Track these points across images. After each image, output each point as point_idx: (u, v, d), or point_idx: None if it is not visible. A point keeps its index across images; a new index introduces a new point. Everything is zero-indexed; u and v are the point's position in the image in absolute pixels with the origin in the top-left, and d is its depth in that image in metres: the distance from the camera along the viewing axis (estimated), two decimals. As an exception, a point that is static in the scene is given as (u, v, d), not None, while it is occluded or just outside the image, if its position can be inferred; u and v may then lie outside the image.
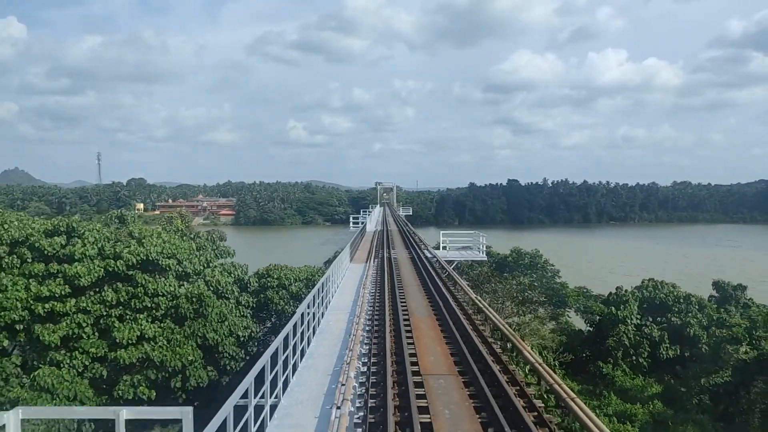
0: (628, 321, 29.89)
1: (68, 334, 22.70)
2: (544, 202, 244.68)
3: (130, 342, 22.55)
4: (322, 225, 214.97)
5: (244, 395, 7.47)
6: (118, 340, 22.43)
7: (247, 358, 26.16)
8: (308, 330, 13.30)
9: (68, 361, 22.34)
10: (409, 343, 12.86)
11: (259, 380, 8.41)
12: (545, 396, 10.37)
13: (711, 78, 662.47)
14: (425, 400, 9.38)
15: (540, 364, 11.23)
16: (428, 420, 8.55)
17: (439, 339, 13.76)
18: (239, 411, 7.05)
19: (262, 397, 8.91)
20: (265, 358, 8.68)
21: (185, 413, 5.30)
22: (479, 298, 18.08)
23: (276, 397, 9.82)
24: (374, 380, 10.40)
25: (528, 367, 11.77)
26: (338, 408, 8.83)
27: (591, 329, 32.83)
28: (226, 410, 6.43)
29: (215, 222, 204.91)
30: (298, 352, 11.68)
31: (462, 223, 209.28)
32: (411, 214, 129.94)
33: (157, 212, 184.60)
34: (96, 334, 23.16)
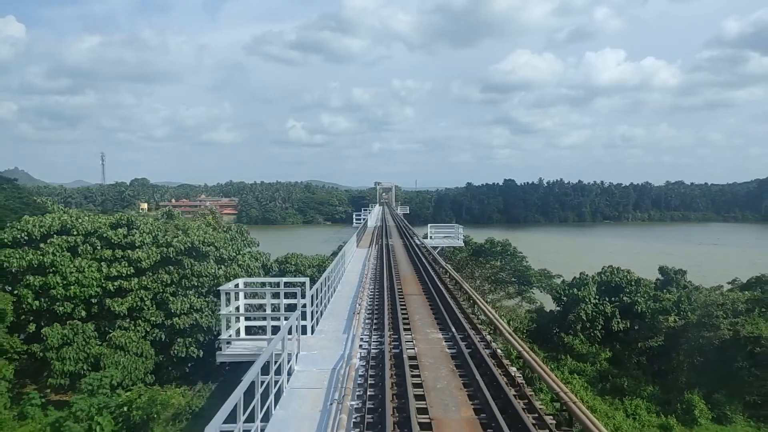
0: (587, 300, 35.79)
1: (133, 306, 28.66)
2: (539, 202, 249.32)
3: (182, 312, 28.51)
4: (322, 224, 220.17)
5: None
6: (173, 311, 28.39)
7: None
8: (334, 282, 19.99)
9: (133, 327, 28.32)
10: (398, 288, 20.33)
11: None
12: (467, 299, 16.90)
13: (709, 78, 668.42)
14: (405, 308, 17.02)
15: (466, 287, 17.41)
16: (406, 309, 16.69)
17: (417, 285, 21.81)
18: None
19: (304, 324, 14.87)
20: (314, 290, 14.60)
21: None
22: (448, 265, 24.49)
23: (328, 301, 17.30)
24: (377, 301, 17.68)
25: (465, 295, 18.43)
26: (360, 304, 16.71)
27: (558, 308, 38.76)
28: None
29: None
30: (330, 293, 18.49)
31: (459, 222, 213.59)
32: (408, 212, 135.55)
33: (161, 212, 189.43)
34: (154, 306, 29.09)
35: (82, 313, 28.34)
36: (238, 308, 14.19)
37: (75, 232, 29.79)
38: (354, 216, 75.13)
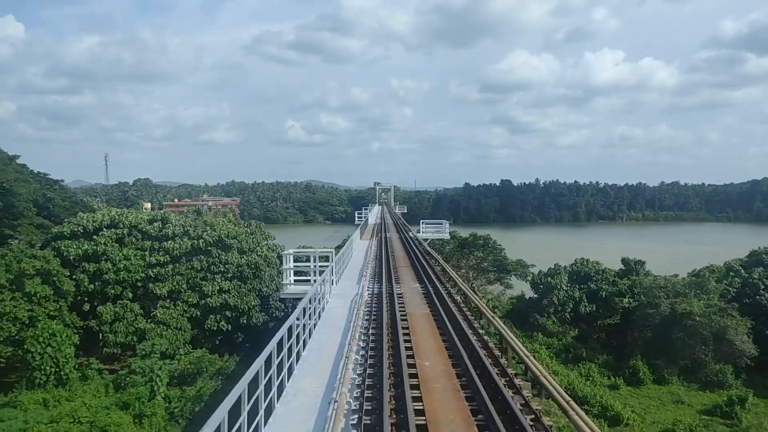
0: (559, 287, 41.26)
1: (171, 289, 34.07)
2: (535, 202, 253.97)
3: (213, 293, 33.93)
4: (323, 223, 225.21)
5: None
6: (206, 292, 33.81)
7: (287, 310, 37.35)
8: (337, 273, 25.33)
9: (173, 307, 33.73)
10: (393, 263, 26.85)
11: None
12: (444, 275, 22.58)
13: (706, 78, 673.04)
14: (396, 273, 24.49)
15: (450, 271, 22.90)
16: (397, 273, 23.98)
17: (406, 261, 30.21)
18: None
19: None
20: (336, 258, 20.06)
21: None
22: (432, 251, 30.19)
23: (337, 281, 22.12)
24: (378, 270, 23.97)
25: (439, 268, 24.18)
26: (366, 274, 22.10)
27: (536, 295, 44.22)
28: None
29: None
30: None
31: (457, 222, 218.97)
32: (406, 212, 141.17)
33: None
34: (189, 289, 34.48)
35: (129, 294, 33.76)
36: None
37: (121, 226, 35.24)
38: (356, 214, 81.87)
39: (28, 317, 28.90)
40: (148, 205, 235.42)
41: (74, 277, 33.19)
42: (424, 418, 8.60)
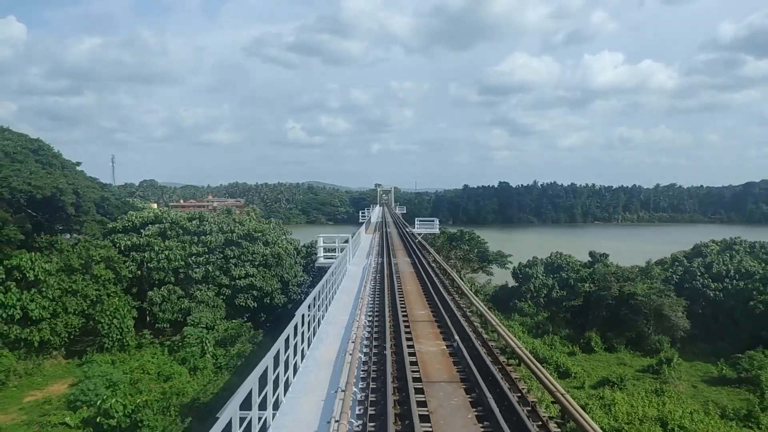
0: (536, 276, 48.16)
1: (206, 274, 40.98)
2: (533, 203, 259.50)
3: (241, 277, 40.84)
4: (325, 224, 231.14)
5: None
6: (235, 276, 40.72)
7: (302, 295, 44.25)
8: (352, 251, 32.38)
9: (208, 288, 40.65)
10: (393, 259, 32.59)
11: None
12: (437, 264, 29.40)
13: (705, 80, 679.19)
14: (394, 252, 32.02)
15: (438, 259, 29.83)
16: (395, 254, 31.93)
17: (402, 246, 39.50)
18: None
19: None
20: (352, 241, 27.05)
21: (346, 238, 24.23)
22: (425, 243, 37.10)
23: (352, 256, 29.25)
24: (380, 251, 31.06)
25: (432, 257, 30.86)
26: (372, 253, 29.18)
27: (516, 284, 51.12)
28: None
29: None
30: (350, 256, 30.67)
31: (456, 223, 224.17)
32: (405, 212, 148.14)
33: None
34: (222, 273, 41.41)
35: (171, 279, 40.67)
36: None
37: (164, 221, 42.19)
38: (360, 214, 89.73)
39: (96, 296, 35.78)
40: (155, 206, 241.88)
41: (126, 264, 40.09)
42: (402, 292, 19.05)
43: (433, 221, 56.13)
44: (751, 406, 25.76)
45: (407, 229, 52.46)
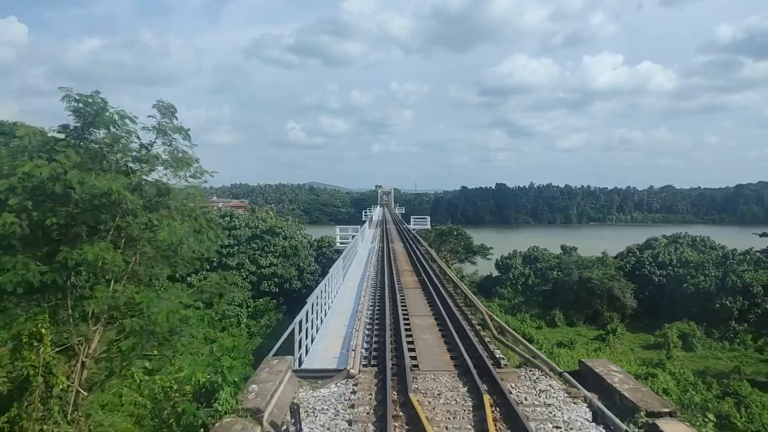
0: (515, 266, 56.29)
1: (238, 262, 49.09)
2: (529, 204, 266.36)
3: (266, 266, 48.95)
4: (327, 224, 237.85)
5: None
6: (262, 265, 48.84)
7: (313, 283, 52.29)
8: (358, 243, 40.45)
9: (239, 274, 48.74)
10: (391, 245, 40.89)
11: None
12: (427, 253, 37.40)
13: (704, 82, 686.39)
14: (392, 240, 40.74)
15: (424, 244, 38.08)
16: (393, 242, 40.87)
17: (398, 237, 46.74)
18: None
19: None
20: (359, 232, 35.18)
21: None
22: (419, 237, 45.24)
23: (361, 242, 38.06)
24: (381, 240, 39.86)
25: (420, 245, 39.03)
26: (375, 240, 37.56)
27: (498, 274, 59.22)
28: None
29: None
30: (360, 240, 39.03)
31: (454, 224, 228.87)
32: (404, 212, 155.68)
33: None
34: (250, 262, 49.51)
35: (207, 267, 48.71)
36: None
37: (200, 220, 50.32)
38: (363, 213, 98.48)
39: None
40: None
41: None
42: (396, 261, 27.56)
43: (425, 219, 64.91)
44: (660, 357, 33.89)
45: (404, 226, 60.92)
